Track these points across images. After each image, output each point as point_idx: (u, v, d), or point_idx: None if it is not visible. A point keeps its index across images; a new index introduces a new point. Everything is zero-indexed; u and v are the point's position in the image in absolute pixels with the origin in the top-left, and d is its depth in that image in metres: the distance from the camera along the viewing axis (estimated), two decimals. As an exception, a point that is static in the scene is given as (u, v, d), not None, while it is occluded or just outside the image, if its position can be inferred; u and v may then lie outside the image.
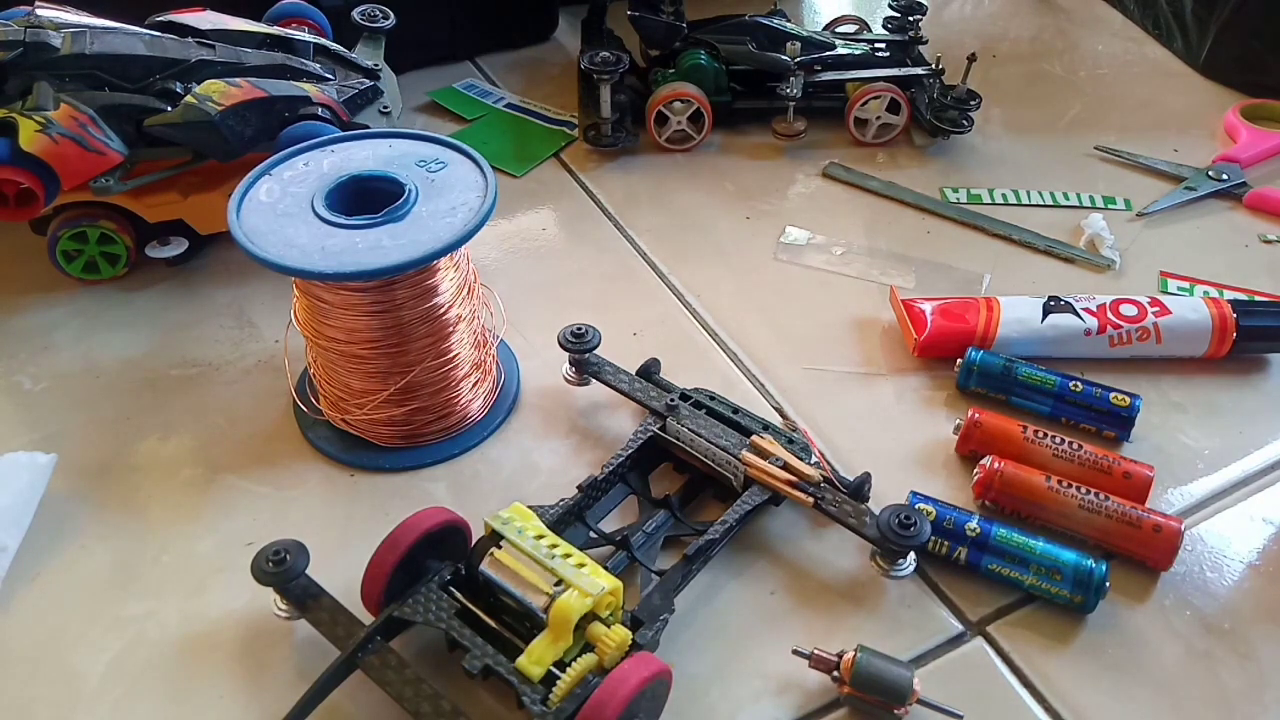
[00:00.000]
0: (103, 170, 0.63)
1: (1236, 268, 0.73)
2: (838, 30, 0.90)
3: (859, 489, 0.54)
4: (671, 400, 0.58)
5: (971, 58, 0.81)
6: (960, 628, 0.51)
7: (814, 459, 0.56)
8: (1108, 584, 0.51)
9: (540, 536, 0.47)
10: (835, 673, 0.47)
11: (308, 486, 0.58)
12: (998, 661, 0.50)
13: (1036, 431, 0.58)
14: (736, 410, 0.58)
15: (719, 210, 0.79)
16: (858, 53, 0.85)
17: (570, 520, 0.53)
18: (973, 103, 0.82)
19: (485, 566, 0.47)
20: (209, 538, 0.55)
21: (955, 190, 0.81)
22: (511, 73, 0.94)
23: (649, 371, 0.61)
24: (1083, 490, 0.54)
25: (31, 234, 0.69)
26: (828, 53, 0.84)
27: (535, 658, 0.44)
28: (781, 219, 0.78)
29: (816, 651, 0.48)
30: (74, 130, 0.61)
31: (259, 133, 0.65)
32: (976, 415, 0.59)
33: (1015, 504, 0.55)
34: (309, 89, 0.67)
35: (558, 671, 0.44)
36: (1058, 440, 0.57)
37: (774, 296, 0.71)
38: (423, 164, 0.56)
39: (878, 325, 0.69)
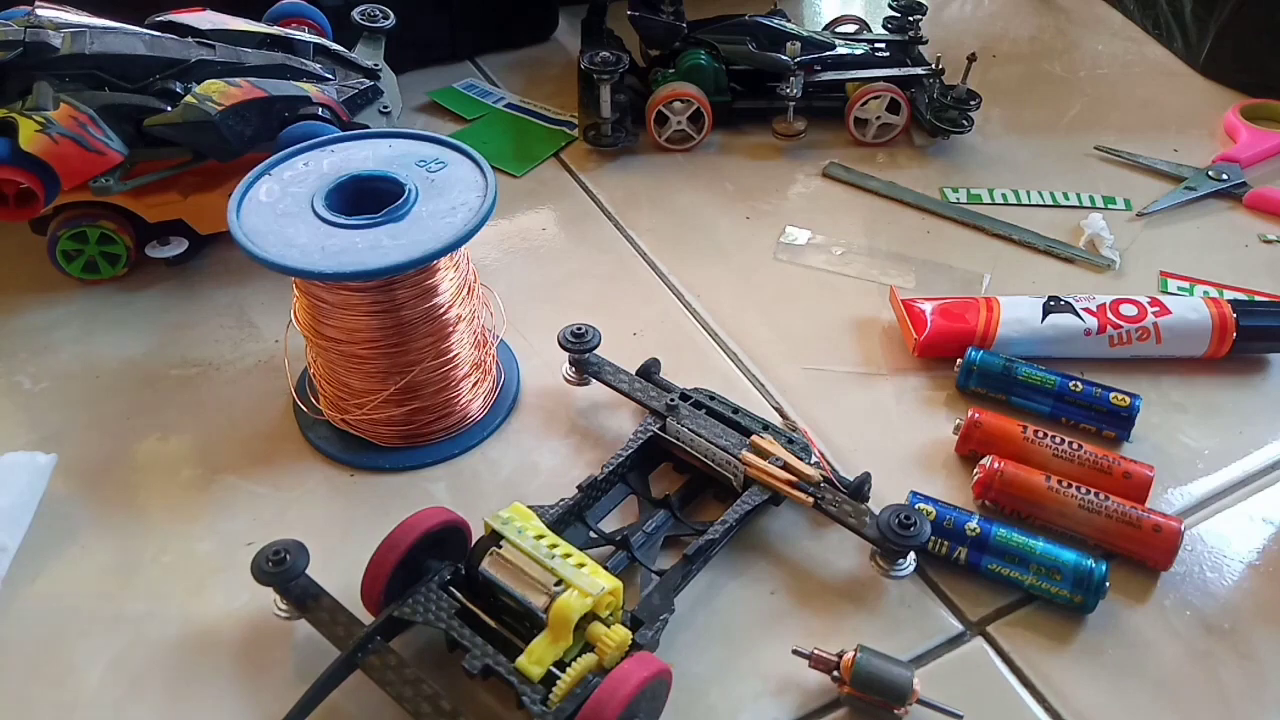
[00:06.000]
0: (103, 170, 0.63)
1: (1236, 268, 0.73)
2: (838, 30, 0.90)
3: (859, 489, 0.54)
4: (671, 400, 0.58)
5: (971, 58, 0.81)
6: (960, 628, 0.51)
7: (814, 459, 0.56)
8: (1108, 584, 0.51)
9: (540, 536, 0.47)
10: (835, 673, 0.47)
11: (308, 486, 0.58)
12: (998, 661, 0.50)
13: (1036, 431, 0.58)
14: (736, 410, 0.58)
15: (719, 210, 0.79)
16: (858, 53, 0.85)
17: (570, 520, 0.53)
18: (973, 103, 0.82)
19: (485, 566, 0.47)
20: (209, 538, 0.55)
21: (955, 190, 0.80)
22: (511, 73, 0.95)
23: (649, 371, 0.61)
24: (1082, 490, 0.54)
25: (31, 234, 0.69)
26: (828, 53, 0.84)
27: (535, 658, 0.44)
28: (781, 219, 0.78)
29: (816, 651, 0.48)
30: (74, 130, 0.61)
31: (259, 133, 0.65)
32: (976, 415, 0.59)
33: (1015, 504, 0.55)
34: (309, 89, 0.67)
35: (558, 671, 0.44)
36: (1058, 440, 0.57)
37: (774, 296, 0.71)
38: (423, 164, 0.56)
39: (878, 325, 0.69)
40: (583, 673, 0.44)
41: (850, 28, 0.91)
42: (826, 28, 0.91)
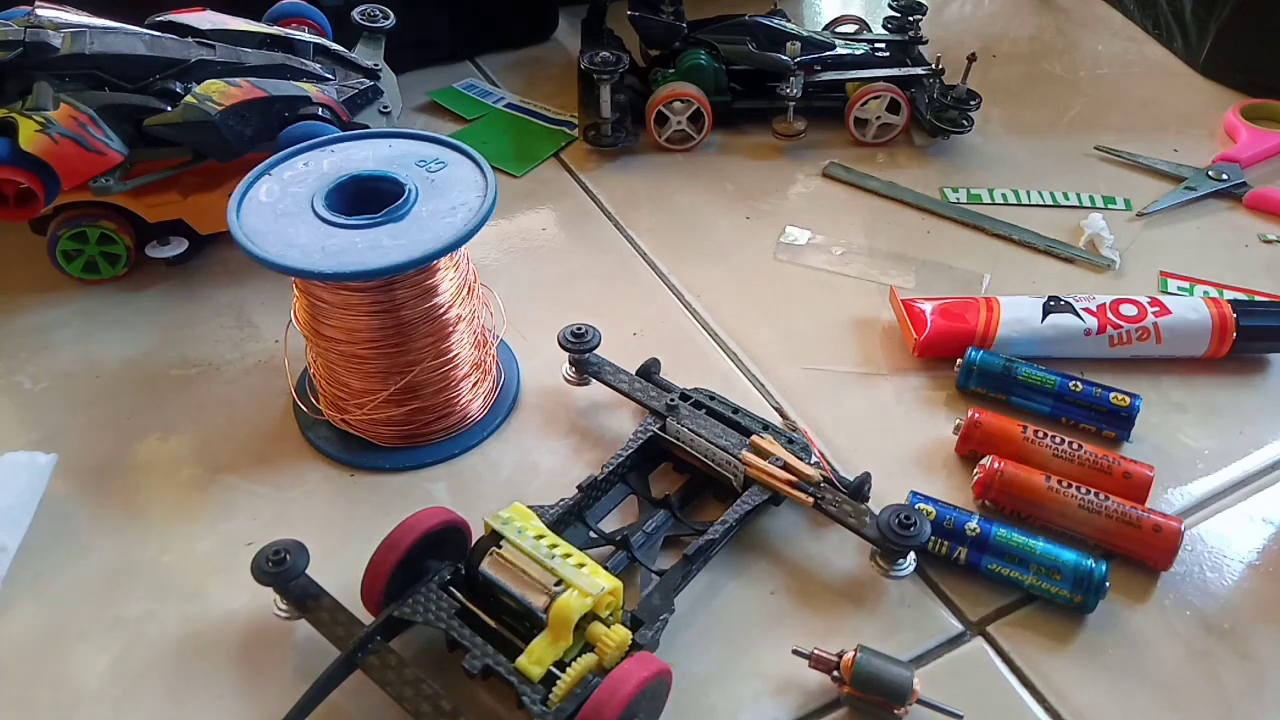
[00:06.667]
0: (103, 170, 0.63)
1: (1236, 268, 0.73)
2: (838, 30, 0.90)
3: (859, 489, 0.54)
4: (671, 400, 0.58)
5: (971, 58, 0.81)
6: (960, 628, 0.51)
7: (814, 459, 0.56)
8: (1108, 584, 0.51)
9: (540, 536, 0.47)
10: (835, 673, 0.47)
11: (308, 486, 0.58)
12: (998, 661, 0.50)
13: (1036, 431, 0.58)
14: (736, 410, 0.58)
15: (719, 210, 0.79)
16: (858, 53, 0.85)
17: (570, 520, 0.53)
18: (973, 103, 0.82)
19: (485, 566, 0.47)
20: (209, 538, 0.55)
21: (955, 190, 0.80)
22: (511, 73, 0.95)
23: (649, 371, 0.61)
24: (1082, 490, 0.54)
25: (31, 234, 0.69)
26: (828, 53, 0.84)
27: (535, 658, 0.44)
28: (781, 219, 0.78)
29: (816, 651, 0.48)
30: (74, 130, 0.61)
31: (259, 133, 0.65)
32: (976, 415, 0.59)
33: (1015, 504, 0.55)
34: (309, 89, 0.67)
35: (558, 671, 0.44)
36: (1058, 440, 0.57)
37: (774, 296, 0.71)
38: (423, 164, 0.56)
39: (878, 325, 0.69)
40: (583, 673, 0.44)
41: (850, 28, 0.91)
42: (826, 28, 0.91)
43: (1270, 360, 0.66)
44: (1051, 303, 0.65)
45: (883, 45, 0.88)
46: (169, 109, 0.64)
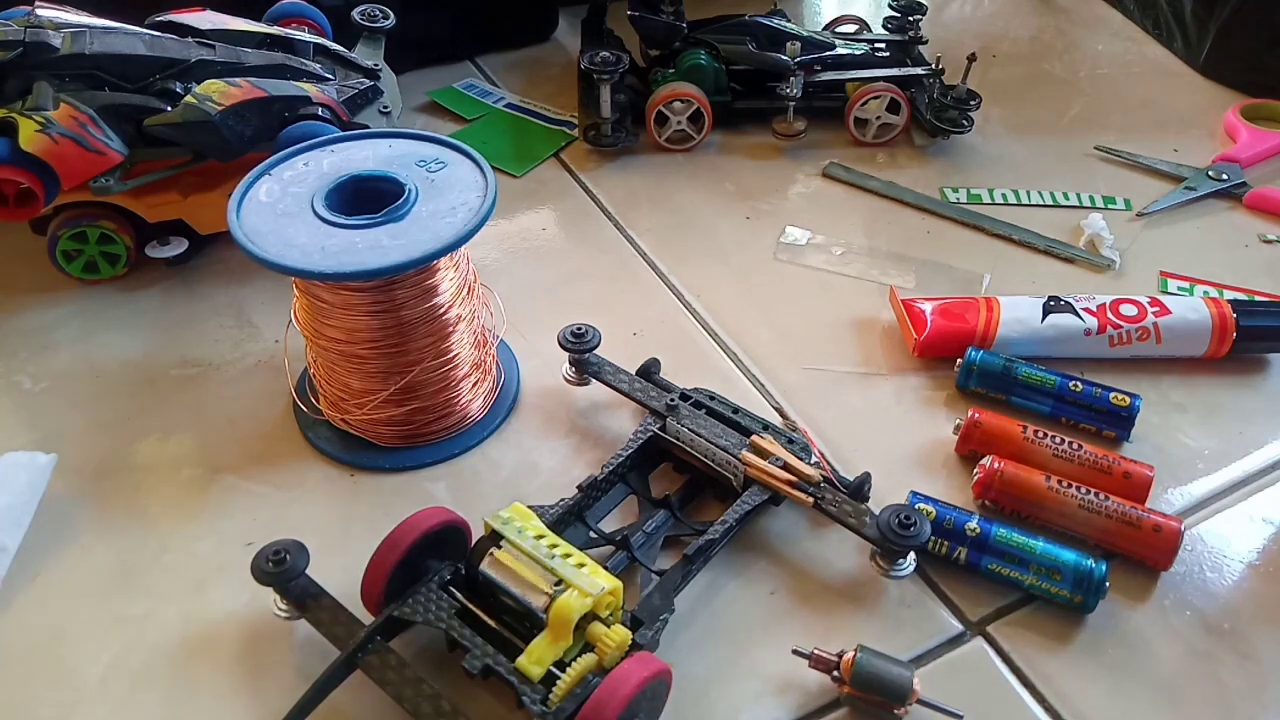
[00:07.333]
0: (103, 170, 0.63)
1: (1236, 268, 0.73)
2: (838, 30, 0.90)
3: (859, 489, 0.54)
4: (671, 400, 0.58)
5: (971, 58, 0.81)
6: (960, 628, 0.51)
7: (814, 459, 0.56)
8: (1108, 584, 0.51)
9: (540, 536, 0.47)
10: (835, 673, 0.47)
11: (308, 486, 0.58)
12: (998, 661, 0.50)
13: (1036, 431, 0.58)
14: (736, 410, 0.58)
15: (719, 210, 0.79)
16: (858, 53, 0.85)
17: (570, 520, 0.53)
18: (973, 103, 0.82)
19: (485, 566, 0.47)
20: (209, 538, 0.55)
21: (955, 190, 0.80)
22: (511, 73, 0.95)
23: (649, 371, 0.61)
24: (1082, 490, 0.54)
25: (31, 234, 0.69)
26: (828, 53, 0.84)
27: (535, 658, 0.44)
28: (781, 219, 0.78)
29: (816, 651, 0.48)
30: (74, 130, 0.61)
31: (259, 133, 0.65)
32: (976, 415, 0.59)
33: (1015, 504, 0.55)
34: (309, 89, 0.67)
35: (558, 671, 0.44)
36: (1058, 440, 0.57)
37: (774, 296, 0.71)
38: (423, 164, 0.56)
39: (878, 325, 0.69)
40: (583, 673, 0.44)
41: (850, 28, 0.91)
42: (826, 28, 0.91)
43: (1270, 360, 0.66)
44: (1051, 303, 0.65)
45: (883, 45, 0.88)
46: (169, 109, 0.64)
